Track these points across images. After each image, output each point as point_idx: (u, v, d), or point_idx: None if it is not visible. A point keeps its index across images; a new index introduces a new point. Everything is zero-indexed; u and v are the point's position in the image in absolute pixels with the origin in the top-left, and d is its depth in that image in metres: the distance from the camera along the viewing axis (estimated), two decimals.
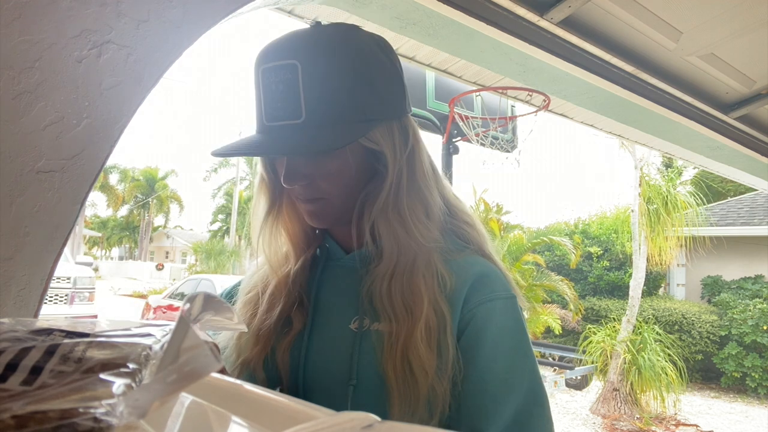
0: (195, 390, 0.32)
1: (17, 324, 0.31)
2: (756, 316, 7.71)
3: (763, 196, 9.70)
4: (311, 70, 0.62)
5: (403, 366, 0.61)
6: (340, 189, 0.68)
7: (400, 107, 0.69)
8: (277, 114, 0.63)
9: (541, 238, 8.87)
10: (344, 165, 0.67)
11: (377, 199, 0.67)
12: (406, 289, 0.65)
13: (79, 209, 0.87)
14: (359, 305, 0.68)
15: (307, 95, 0.61)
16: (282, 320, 0.71)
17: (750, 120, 2.51)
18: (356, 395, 0.63)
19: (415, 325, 0.62)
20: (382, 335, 0.64)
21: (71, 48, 0.79)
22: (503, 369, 0.63)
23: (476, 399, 0.62)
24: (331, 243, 0.76)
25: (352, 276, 0.71)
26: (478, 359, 0.63)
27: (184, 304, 0.34)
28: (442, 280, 0.66)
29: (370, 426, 0.25)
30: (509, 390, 0.62)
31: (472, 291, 0.66)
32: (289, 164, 0.66)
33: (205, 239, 27.40)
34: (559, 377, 6.62)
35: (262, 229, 0.74)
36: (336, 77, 0.63)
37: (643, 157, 7.16)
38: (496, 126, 4.44)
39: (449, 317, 0.64)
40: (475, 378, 0.63)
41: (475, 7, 1.50)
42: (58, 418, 0.21)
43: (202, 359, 0.26)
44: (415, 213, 0.67)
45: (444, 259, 0.68)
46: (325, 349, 0.68)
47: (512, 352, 0.65)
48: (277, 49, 0.64)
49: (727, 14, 1.63)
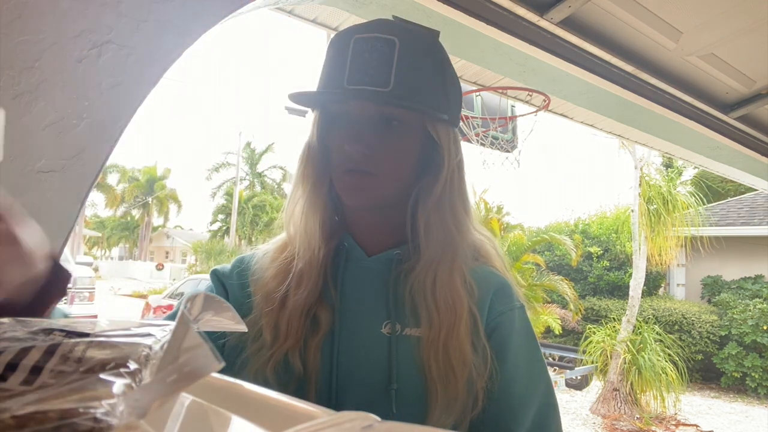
0: (195, 390, 0.32)
1: (17, 324, 0.31)
2: (756, 316, 7.72)
3: (763, 196, 9.70)
4: (407, 51, 0.66)
5: (444, 363, 0.64)
6: (393, 170, 0.69)
7: (457, 119, 0.74)
8: (364, 79, 0.65)
9: (542, 236, 8.87)
10: (408, 146, 0.70)
11: (432, 192, 0.70)
12: (448, 288, 0.67)
13: (79, 209, 0.87)
14: (390, 309, 0.68)
15: (398, 70, 0.65)
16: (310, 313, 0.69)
17: (750, 120, 2.51)
18: (398, 399, 0.64)
19: (457, 322, 0.66)
20: (418, 339, 0.66)
21: (71, 48, 0.79)
22: (525, 373, 0.69)
23: (504, 401, 0.67)
24: (351, 243, 0.74)
25: (376, 280, 0.71)
26: (505, 365, 0.68)
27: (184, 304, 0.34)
28: (470, 285, 0.70)
29: (370, 426, 0.25)
30: (531, 393, 0.69)
31: (495, 300, 0.71)
32: (358, 128, 0.67)
33: (205, 239, 27.38)
34: (559, 377, 6.62)
35: (301, 199, 0.72)
36: (424, 67, 0.68)
37: (643, 157, 7.16)
38: (496, 126, 4.44)
39: (480, 320, 0.68)
40: (503, 381, 0.67)
41: (475, 7, 1.50)
42: (58, 418, 0.21)
43: (202, 359, 0.26)
44: (462, 213, 0.72)
45: (467, 266, 0.72)
46: (358, 354, 0.67)
47: (531, 358, 0.71)
48: (376, 25, 0.67)
49: (727, 14, 1.63)
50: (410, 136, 0.69)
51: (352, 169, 0.68)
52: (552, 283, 7.94)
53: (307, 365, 0.66)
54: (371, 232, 0.75)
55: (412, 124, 0.69)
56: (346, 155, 0.67)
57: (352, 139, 0.66)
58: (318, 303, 0.70)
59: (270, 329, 0.67)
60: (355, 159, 0.67)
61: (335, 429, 0.24)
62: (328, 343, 0.67)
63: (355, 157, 0.67)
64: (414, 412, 0.64)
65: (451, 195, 0.71)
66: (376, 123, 0.67)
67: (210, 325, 0.34)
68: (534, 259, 8.30)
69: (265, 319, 0.68)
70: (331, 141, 0.70)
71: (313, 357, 0.66)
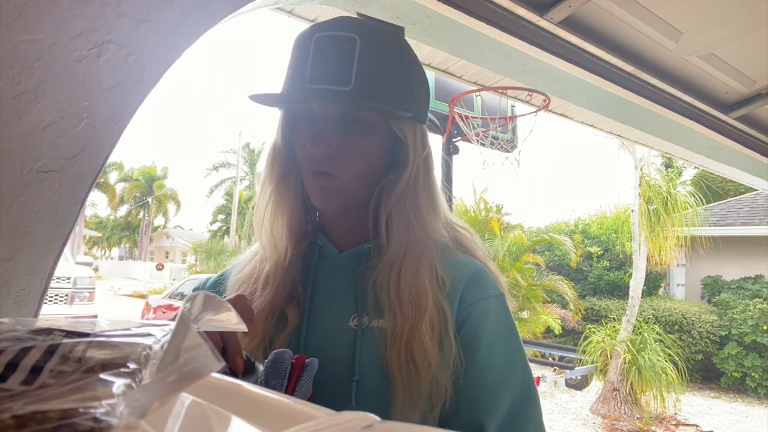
0: (195, 390, 0.32)
1: (17, 324, 0.31)
2: (756, 316, 7.71)
3: (763, 196, 9.70)
4: (368, 48, 0.65)
5: (407, 359, 0.63)
6: (358, 169, 0.69)
7: (424, 114, 0.73)
8: (325, 78, 0.64)
9: (542, 236, 8.87)
10: (371, 144, 0.69)
11: (395, 189, 0.70)
12: (413, 284, 0.67)
13: (79, 209, 0.87)
14: (357, 303, 0.69)
15: (359, 68, 0.64)
16: (277, 312, 0.71)
17: (750, 120, 2.51)
18: (359, 391, 0.64)
19: (419, 319, 0.65)
20: (383, 331, 0.66)
21: (71, 48, 0.79)
22: (500, 364, 0.67)
23: (476, 392, 0.65)
24: (324, 241, 0.76)
25: (347, 274, 0.72)
26: (477, 355, 0.66)
27: (184, 304, 0.34)
28: (441, 279, 0.69)
29: (370, 426, 0.25)
30: (506, 384, 0.66)
31: (467, 289, 0.69)
32: (320, 128, 0.66)
33: (205, 239, 27.38)
34: (559, 377, 6.62)
35: (267, 201, 0.73)
36: (387, 64, 0.67)
37: (643, 157, 7.16)
38: (496, 126, 4.44)
39: (449, 313, 0.67)
40: (475, 373, 0.66)
41: (475, 7, 1.50)
42: (58, 418, 0.21)
43: (202, 359, 0.26)
44: (427, 209, 0.71)
45: (441, 257, 0.71)
46: (323, 347, 0.68)
47: (507, 348, 0.69)
48: (336, 23, 0.67)
49: (727, 14, 1.63)
50: (374, 134, 0.69)
51: (315, 171, 0.68)
52: (552, 283, 7.95)
53: None
54: (343, 229, 0.75)
55: (375, 123, 0.68)
56: (310, 156, 0.67)
57: (315, 139, 0.65)
58: (286, 302, 0.71)
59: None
60: (317, 160, 0.67)
61: (335, 429, 0.24)
62: (294, 339, 0.69)
63: (318, 158, 0.66)
64: (375, 404, 0.64)
65: (414, 191, 0.70)
66: (338, 123, 0.67)
67: (210, 325, 0.34)
68: (534, 259, 8.30)
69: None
70: (296, 141, 0.70)
71: None
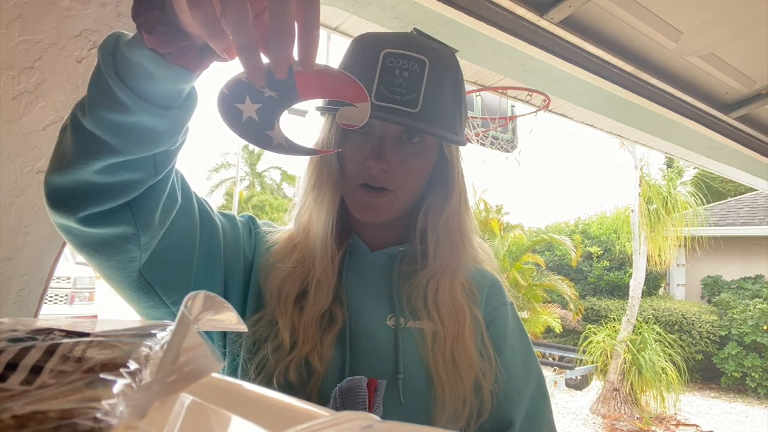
0: (195, 390, 0.32)
1: (17, 324, 0.31)
2: (756, 316, 7.72)
3: (763, 196, 9.71)
4: (435, 72, 0.67)
5: (452, 363, 0.68)
6: (410, 186, 0.71)
7: (464, 138, 0.76)
8: (393, 98, 0.65)
9: (542, 236, 8.88)
10: (425, 165, 0.72)
11: (444, 210, 0.73)
12: (449, 297, 0.71)
13: None
14: (393, 303, 0.71)
15: (427, 92, 0.66)
16: (327, 312, 0.70)
17: (750, 120, 2.51)
18: (405, 388, 0.67)
19: (461, 329, 0.70)
20: (422, 332, 0.70)
21: (71, 48, 0.79)
22: (520, 365, 0.75)
23: (504, 390, 0.72)
24: (355, 238, 0.77)
25: (377, 273, 0.74)
26: (502, 356, 0.73)
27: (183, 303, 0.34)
28: (471, 291, 0.75)
29: (370, 426, 0.25)
30: (527, 383, 0.74)
31: (489, 297, 0.77)
32: (380, 144, 0.67)
33: None
34: (559, 377, 6.63)
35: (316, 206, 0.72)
36: (447, 89, 0.69)
37: (643, 157, 7.16)
38: (496, 126, 4.44)
39: (482, 321, 0.74)
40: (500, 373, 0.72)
41: (475, 7, 1.50)
42: (58, 418, 0.21)
43: (202, 359, 0.26)
44: (470, 229, 0.76)
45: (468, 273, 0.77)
46: (367, 346, 0.69)
47: (524, 350, 0.77)
48: (405, 42, 0.67)
49: (727, 14, 1.63)
50: (428, 155, 0.71)
51: (367, 185, 0.68)
52: (552, 283, 7.94)
53: (323, 360, 0.68)
54: (376, 231, 0.77)
55: (430, 144, 0.71)
56: (364, 169, 0.68)
57: (375, 155, 0.66)
58: (332, 303, 0.71)
59: (288, 332, 0.68)
60: (372, 174, 0.67)
61: (335, 429, 0.24)
62: (341, 337, 0.69)
63: (373, 173, 0.67)
64: (420, 403, 0.67)
65: (459, 210, 0.74)
66: (398, 141, 0.69)
67: (210, 325, 0.34)
68: (534, 259, 8.30)
69: (282, 321, 0.68)
70: (348, 152, 0.70)
71: (327, 352, 0.68)
